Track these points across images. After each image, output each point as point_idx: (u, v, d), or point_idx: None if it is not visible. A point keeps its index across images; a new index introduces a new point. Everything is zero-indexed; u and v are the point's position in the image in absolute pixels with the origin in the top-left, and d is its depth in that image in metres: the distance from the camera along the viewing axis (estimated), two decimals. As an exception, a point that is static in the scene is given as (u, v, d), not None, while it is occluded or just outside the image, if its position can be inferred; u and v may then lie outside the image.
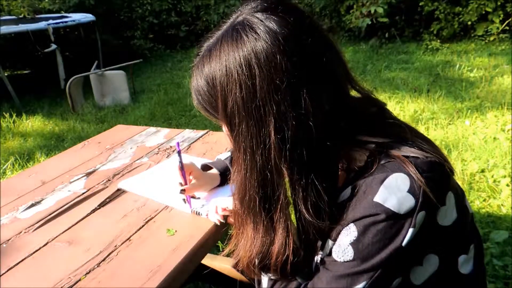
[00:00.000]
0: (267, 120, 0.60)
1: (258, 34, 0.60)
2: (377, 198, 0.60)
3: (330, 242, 0.67)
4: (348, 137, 0.66)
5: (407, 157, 0.62)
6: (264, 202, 0.66)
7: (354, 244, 0.62)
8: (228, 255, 0.79)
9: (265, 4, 0.63)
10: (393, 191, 0.60)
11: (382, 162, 0.63)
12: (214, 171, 1.10)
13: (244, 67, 0.60)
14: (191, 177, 1.04)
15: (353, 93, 0.70)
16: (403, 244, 0.60)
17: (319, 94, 0.61)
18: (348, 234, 0.62)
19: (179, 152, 0.97)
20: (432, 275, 0.67)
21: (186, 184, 1.00)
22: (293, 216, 0.71)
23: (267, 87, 0.59)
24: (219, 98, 0.64)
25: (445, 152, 0.75)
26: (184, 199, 1.02)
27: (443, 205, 0.64)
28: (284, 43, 0.59)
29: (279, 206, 0.66)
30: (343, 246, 0.63)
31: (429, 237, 0.63)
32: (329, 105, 0.62)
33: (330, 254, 0.66)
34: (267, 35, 0.59)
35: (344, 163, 0.69)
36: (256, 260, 0.70)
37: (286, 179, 0.66)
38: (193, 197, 1.06)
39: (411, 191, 0.59)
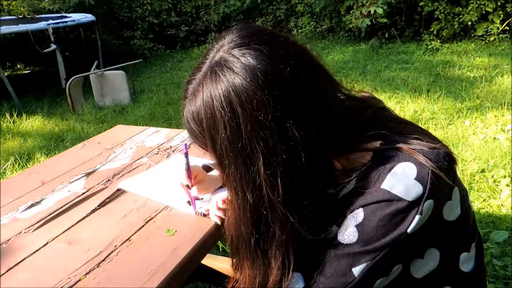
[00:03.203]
0: (255, 158, 0.60)
1: (236, 73, 0.59)
2: (384, 185, 0.60)
3: (335, 227, 0.67)
4: (344, 147, 0.66)
5: (413, 149, 0.62)
6: (258, 239, 0.67)
7: (359, 227, 0.62)
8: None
9: (240, 39, 0.62)
10: (400, 178, 0.60)
11: (389, 155, 0.63)
12: (215, 172, 1.10)
13: (226, 107, 0.59)
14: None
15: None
16: (409, 230, 0.60)
17: (306, 121, 0.61)
18: (355, 218, 0.63)
19: (186, 154, 0.95)
20: (433, 270, 0.67)
21: (193, 186, 0.99)
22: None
23: (251, 125, 0.59)
24: (208, 140, 0.64)
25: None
26: (188, 201, 1.02)
27: (449, 199, 0.64)
28: (263, 78, 0.58)
29: (274, 243, 0.66)
30: (348, 228, 0.64)
31: (434, 230, 0.64)
32: (318, 128, 0.62)
33: (335, 237, 0.67)
34: (245, 73, 0.59)
35: (343, 168, 0.69)
36: None
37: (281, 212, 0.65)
38: (197, 198, 1.05)
39: (418, 178, 0.60)
